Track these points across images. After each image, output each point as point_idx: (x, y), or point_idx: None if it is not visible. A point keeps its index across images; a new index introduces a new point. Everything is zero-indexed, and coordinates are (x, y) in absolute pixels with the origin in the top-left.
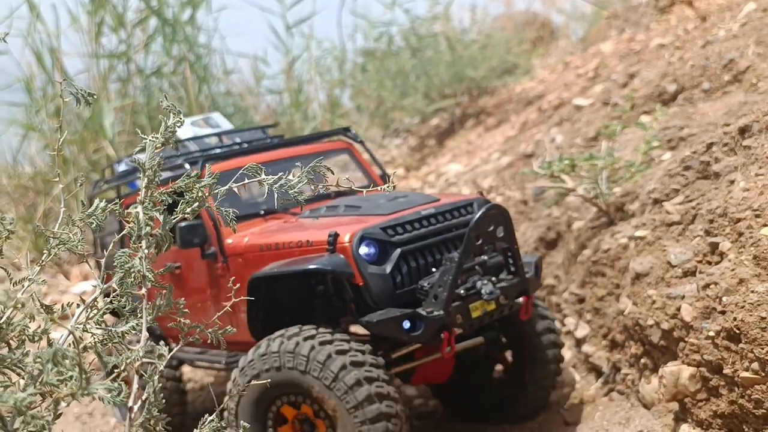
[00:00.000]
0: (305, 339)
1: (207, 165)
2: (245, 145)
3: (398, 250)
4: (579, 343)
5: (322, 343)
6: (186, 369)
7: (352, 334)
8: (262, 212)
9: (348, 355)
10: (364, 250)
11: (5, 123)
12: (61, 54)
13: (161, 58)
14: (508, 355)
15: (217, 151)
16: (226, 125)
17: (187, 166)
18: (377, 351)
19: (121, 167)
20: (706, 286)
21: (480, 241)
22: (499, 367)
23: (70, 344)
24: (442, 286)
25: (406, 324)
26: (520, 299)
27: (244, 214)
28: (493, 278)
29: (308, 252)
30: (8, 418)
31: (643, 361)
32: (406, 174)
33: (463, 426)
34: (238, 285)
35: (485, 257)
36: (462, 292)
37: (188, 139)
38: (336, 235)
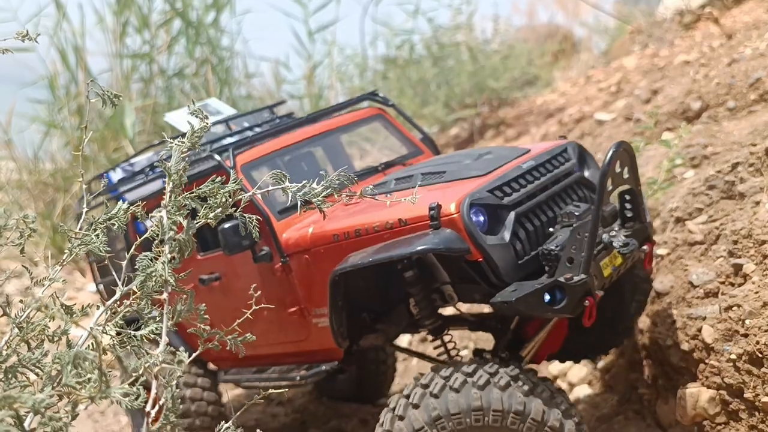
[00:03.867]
0: (483, 387)
1: (234, 154)
2: (259, 129)
3: (512, 214)
4: (595, 360)
5: (504, 388)
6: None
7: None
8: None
9: (539, 393)
10: (475, 218)
11: (28, 119)
12: (86, 53)
13: (184, 59)
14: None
15: (229, 140)
16: (226, 110)
17: (216, 157)
18: (500, 348)
19: (115, 175)
20: (729, 308)
21: (611, 187)
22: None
23: (89, 346)
24: (577, 246)
25: (547, 297)
26: (644, 247)
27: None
28: (616, 228)
29: (402, 233)
30: (25, 418)
31: (660, 381)
32: None
33: None
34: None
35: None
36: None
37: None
38: (439, 207)
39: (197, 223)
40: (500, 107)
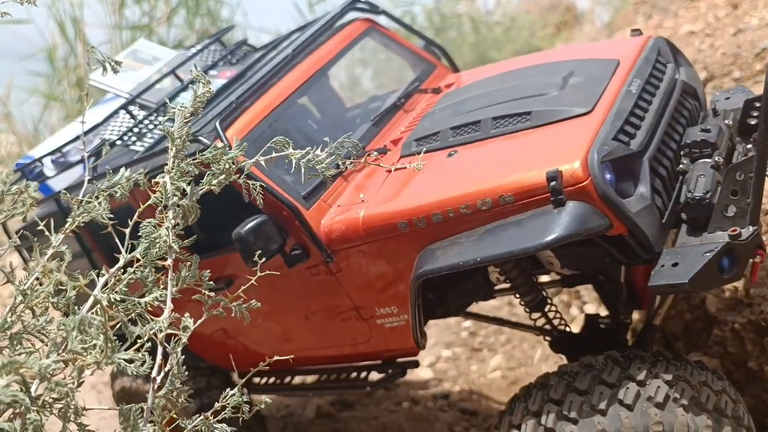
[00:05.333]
0: (662, 404)
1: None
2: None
3: (645, 161)
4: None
5: (689, 408)
6: None
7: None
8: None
9: (728, 408)
10: (608, 177)
11: (27, 92)
12: (84, 24)
13: (184, 31)
14: None
15: (183, 94)
16: (163, 53)
17: (203, 140)
18: (621, 311)
19: (48, 171)
20: None
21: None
22: None
23: (95, 312)
24: (738, 190)
25: (724, 262)
26: None
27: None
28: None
29: (504, 213)
30: (31, 384)
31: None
32: None
33: None
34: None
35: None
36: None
37: (136, 97)
38: (560, 174)
39: (201, 189)
40: None
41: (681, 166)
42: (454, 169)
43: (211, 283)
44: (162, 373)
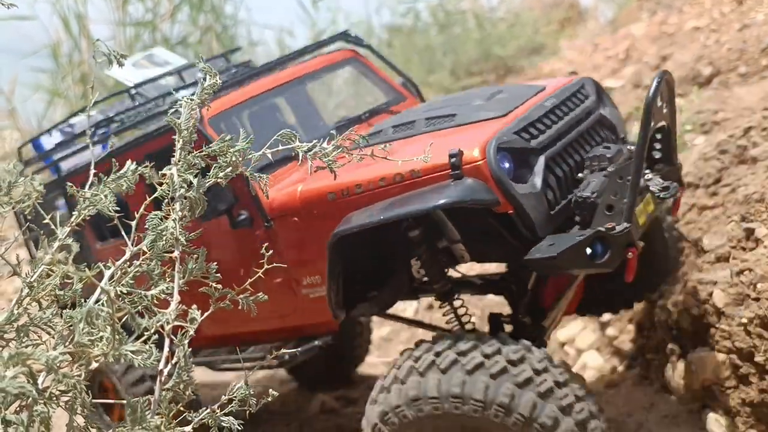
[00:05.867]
0: (471, 371)
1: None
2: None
3: (542, 158)
4: (603, 326)
5: (496, 375)
6: None
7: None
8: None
9: (533, 385)
10: (504, 164)
11: (31, 88)
12: (88, 20)
13: (187, 27)
14: None
15: (183, 92)
16: (175, 60)
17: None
18: (521, 312)
19: (51, 139)
20: (740, 272)
21: (653, 123)
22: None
23: (102, 303)
24: (617, 192)
25: (589, 250)
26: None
27: (276, 160)
28: (647, 171)
29: (414, 185)
30: (39, 375)
31: (670, 346)
32: None
33: None
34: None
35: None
36: None
37: (143, 83)
38: (460, 153)
39: (208, 182)
40: (507, 76)
41: (580, 175)
42: (391, 154)
43: (218, 275)
44: (169, 366)
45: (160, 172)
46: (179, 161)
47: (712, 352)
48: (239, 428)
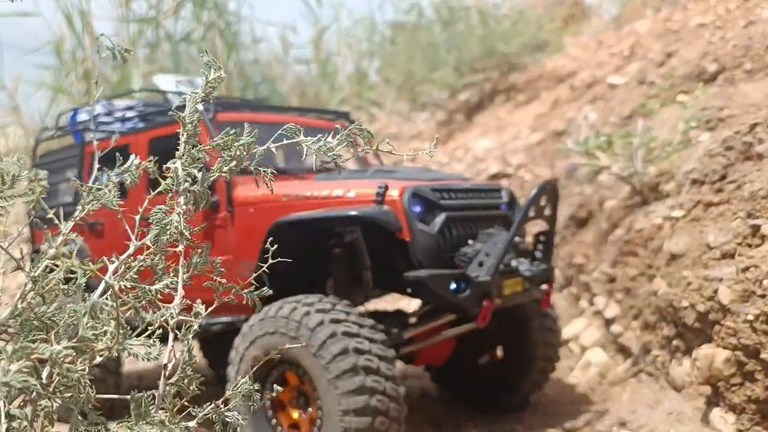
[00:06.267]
0: (303, 305)
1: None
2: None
3: (444, 214)
4: (608, 323)
5: (319, 311)
6: None
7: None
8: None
9: (342, 324)
10: (413, 206)
11: (34, 85)
12: (91, 17)
13: (191, 24)
14: (499, 348)
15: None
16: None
17: (199, 107)
18: (390, 330)
19: (85, 114)
20: (746, 268)
21: (532, 215)
22: (490, 357)
23: (106, 297)
24: (489, 254)
25: (453, 285)
26: (543, 287)
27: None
28: (527, 260)
29: (347, 204)
30: (42, 369)
31: (675, 343)
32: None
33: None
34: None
35: (518, 239)
36: (501, 266)
37: (174, 92)
38: (386, 188)
39: (211, 176)
40: (510, 72)
41: (470, 242)
42: (340, 182)
43: (223, 270)
44: (173, 360)
45: (164, 166)
46: (183, 155)
47: (718, 348)
48: (243, 423)
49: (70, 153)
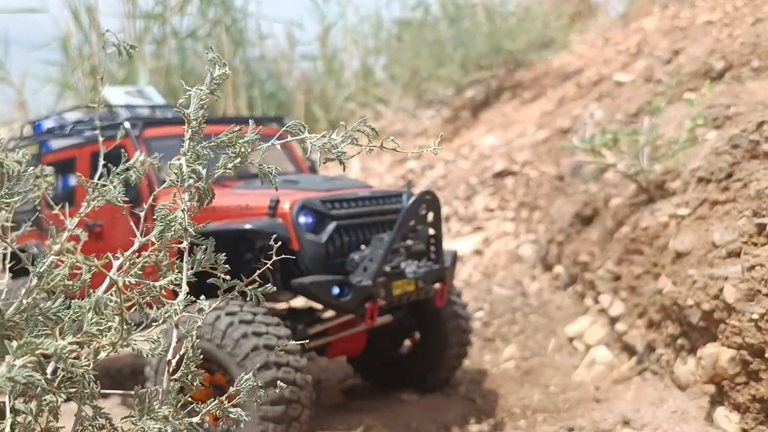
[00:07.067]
0: (215, 310)
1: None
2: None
3: (334, 223)
4: (613, 321)
5: (228, 314)
6: None
7: (271, 310)
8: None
9: (252, 325)
10: (302, 218)
11: (41, 81)
12: (98, 13)
13: (197, 20)
14: (417, 335)
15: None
16: (158, 100)
17: (126, 125)
18: (296, 327)
19: (47, 124)
20: (752, 267)
21: (413, 222)
22: (408, 343)
23: (111, 293)
24: (372, 259)
25: (335, 290)
26: (437, 285)
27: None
28: (417, 262)
29: (246, 215)
30: (47, 364)
31: (679, 341)
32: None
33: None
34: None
35: (410, 242)
36: (388, 269)
37: (122, 106)
38: (277, 202)
39: (215, 173)
40: (516, 70)
41: (362, 247)
42: (245, 194)
43: (227, 266)
44: (176, 357)
45: (168, 163)
46: (188, 151)
47: (723, 347)
48: (246, 419)
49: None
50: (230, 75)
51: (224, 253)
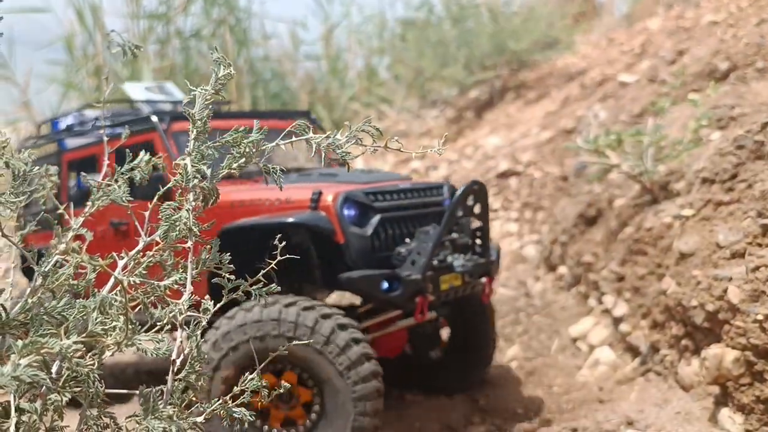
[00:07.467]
0: (287, 306)
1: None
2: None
3: (378, 216)
4: (616, 321)
5: (305, 309)
6: None
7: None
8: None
9: (333, 318)
10: (346, 210)
11: (46, 81)
12: (102, 13)
13: (201, 20)
14: (452, 331)
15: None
16: (179, 95)
17: (153, 118)
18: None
19: (66, 121)
20: (756, 268)
21: (460, 214)
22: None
23: (116, 293)
24: (420, 252)
25: (385, 284)
26: (483, 280)
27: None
28: (464, 255)
29: (287, 209)
30: (52, 364)
31: (683, 342)
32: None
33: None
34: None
35: (456, 235)
36: (435, 263)
37: (144, 101)
38: (320, 194)
39: (221, 172)
40: (520, 70)
41: (407, 240)
42: (275, 188)
43: (232, 266)
44: (181, 356)
45: (174, 162)
46: (193, 151)
47: (727, 348)
48: (251, 419)
49: (48, 161)
50: (234, 75)
51: (267, 248)
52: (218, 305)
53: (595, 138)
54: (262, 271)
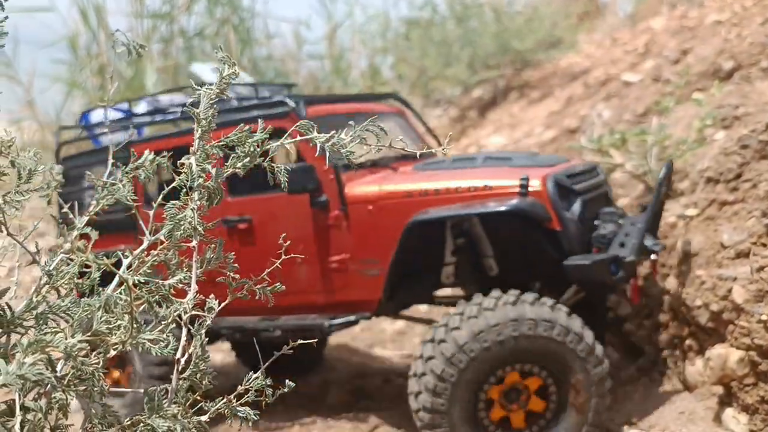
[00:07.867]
0: (552, 306)
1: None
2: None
3: (579, 199)
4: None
5: (552, 306)
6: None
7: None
8: (368, 163)
9: (587, 327)
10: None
11: (50, 80)
12: (106, 12)
13: (204, 19)
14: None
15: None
16: (247, 78)
17: (290, 102)
18: None
19: (141, 107)
20: (761, 268)
21: (665, 192)
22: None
23: (120, 291)
24: (630, 234)
25: (613, 268)
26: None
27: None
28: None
29: (484, 197)
30: (57, 363)
31: (687, 342)
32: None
33: None
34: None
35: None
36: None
37: (240, 84)
38: (528, 179)
39: (226, 172)
40: (524, 69)
41: (596, 222)
42: (465, 173)
43: (236, 265)
44: (186, 355)
45: (178, 162)
46: (197, 151)
47: (731, 348)
48: (257, 418)
49: (98, 157)
50: (238, 74)
51: (434, 240)
52: (222, 305)
53: (599, 137)
54: (447, 265)
